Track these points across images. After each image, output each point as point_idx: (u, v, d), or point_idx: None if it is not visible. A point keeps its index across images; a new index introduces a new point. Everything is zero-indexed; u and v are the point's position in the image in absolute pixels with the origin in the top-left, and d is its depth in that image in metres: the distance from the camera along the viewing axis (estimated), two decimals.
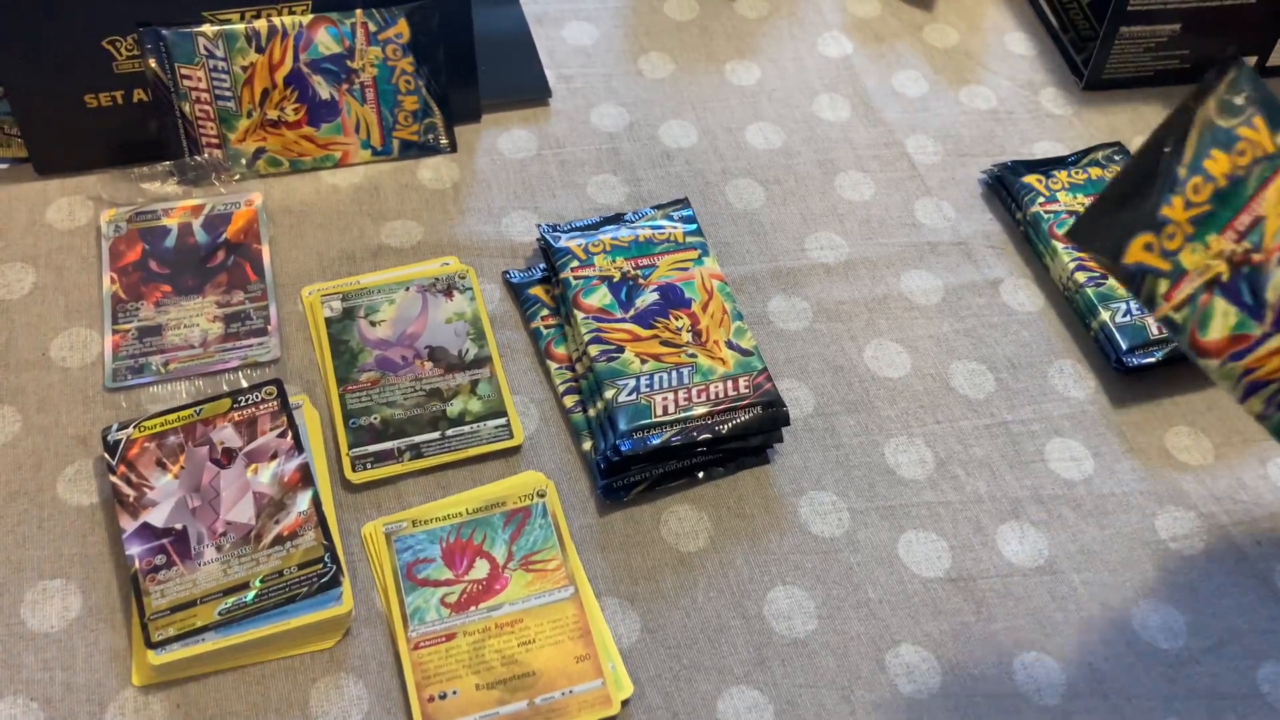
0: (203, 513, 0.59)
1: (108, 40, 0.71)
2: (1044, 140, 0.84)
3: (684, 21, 0.89)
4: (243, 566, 0.57)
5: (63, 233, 0.72)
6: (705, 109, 0.83)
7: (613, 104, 0.83)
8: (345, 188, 0.76)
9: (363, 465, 0.63)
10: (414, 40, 0.75)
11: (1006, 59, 0.89)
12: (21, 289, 0.70)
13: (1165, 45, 0.85)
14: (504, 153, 0.79)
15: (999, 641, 0.60)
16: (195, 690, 0.56)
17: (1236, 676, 0.59)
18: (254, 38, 0.72)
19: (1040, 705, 0.58)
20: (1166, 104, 0.86)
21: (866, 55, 0.88)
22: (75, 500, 0.61)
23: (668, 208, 0.74)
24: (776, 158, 0.81)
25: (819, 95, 0.85)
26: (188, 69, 0.72)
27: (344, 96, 0.75)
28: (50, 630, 0.57)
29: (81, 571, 0.59)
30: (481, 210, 0.76)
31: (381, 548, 0.60)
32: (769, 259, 0.75)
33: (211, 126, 0.74)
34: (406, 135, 0.78)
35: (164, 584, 0.57)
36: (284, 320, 0.69)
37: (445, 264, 0.72)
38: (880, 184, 0.80)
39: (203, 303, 0.69)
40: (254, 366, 0.67)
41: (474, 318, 0.69)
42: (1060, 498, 0.65)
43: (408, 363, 0.67)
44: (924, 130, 0.83)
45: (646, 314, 0.67)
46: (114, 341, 0.67)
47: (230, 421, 0.62)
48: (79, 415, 0.64)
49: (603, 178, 0.78)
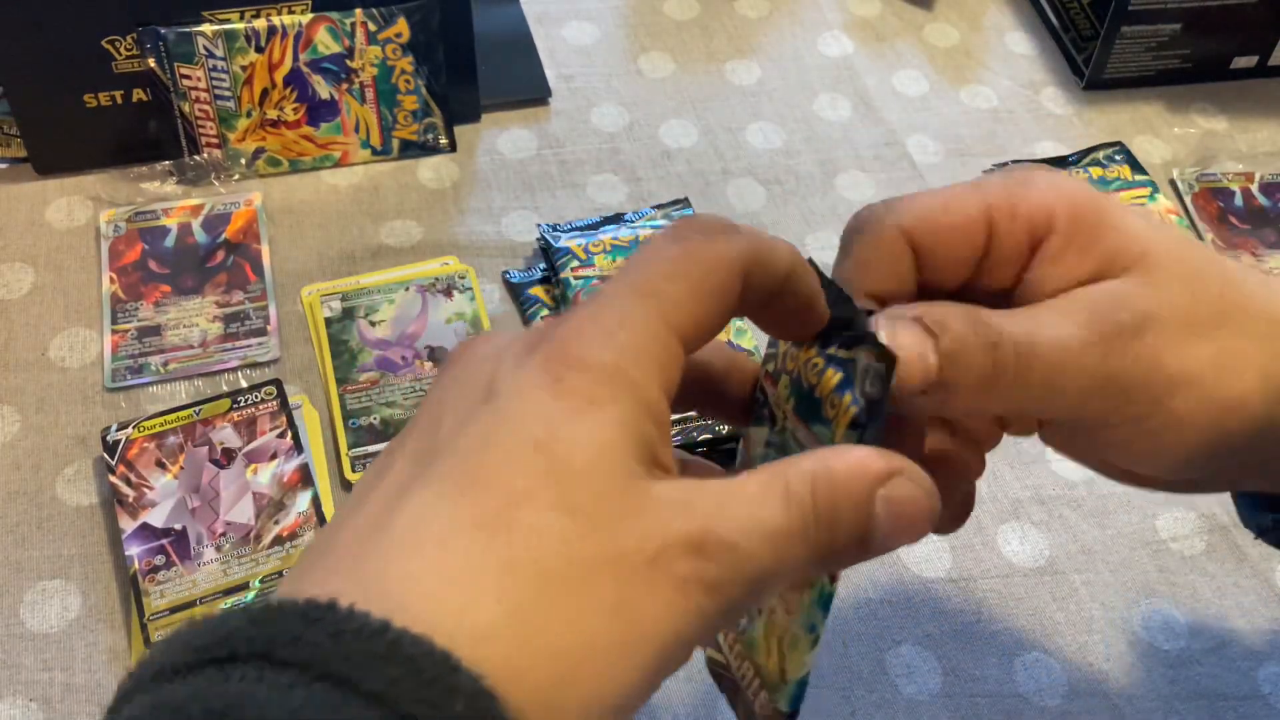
0: (202, 513, 0.59)
1: (107, 40, 0.71)
2: (1045, 140, 0.83)
3: (684, 21, 0.89)
4: (242, 567, 0.57)
5: (62, 232, 0.72)
6: (705, 108, 0.83)
7: (613, 103, 0.83)
8: (345, 188, 0.76)
9: (362, 465, 0.63)
10: (414, 40, 0.75)
11: (1007, 58, 0.89)
12: (20, 289, 0.70)
13: (1166, 45, 0.84)
14: (504, 152, 0.79)
15: (1000, 642, 0.60)
16: None
17: (1237, 677, 0.59)
18: (253, 37, 0.72)
19: (1041, 706, 0.58)
20: (1168, 104, 0.86)
21: (867, 55, 0.88)
22: (74, 500, 0.61)
23: (668, 207, 0.74)
24: (777, 157, 0.81)
25: (819, 95, 0.85)
26: (187, 69, 0.72)
27: (344, 96, 0.75)
28: (50, 631, 0.57)
29: (81, 572, 0.59)
30: (481, 210, 0.76)
31: None
32: None
33: (211, 126, 0.74)
34: (406, 135, 0.77)
35: (164, 584, 0.57)
36: (283, 320, 0.69)
37: (445, 264, 0.72)
38: (881, 184, 0.80)
39: (202, 303, 0.69)
40: (253, 366, 0.67)
41: (474, 318, 0.69)
42: (1061, 498, 0.65)
43: (407, 363, 0.67)
44: (925, 130, 0.83)
45: None
46: (113, 341, 0.67)
47: (230, 422, 0.62)
48: (78, 415, 0.64)
49: (603, 177, 0.78)
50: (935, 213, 0.35)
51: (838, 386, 0.32)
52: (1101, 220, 0.35)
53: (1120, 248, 0.34)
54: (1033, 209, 0.35)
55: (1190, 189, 0.80)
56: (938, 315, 0.33)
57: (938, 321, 0.33)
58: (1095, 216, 0.35)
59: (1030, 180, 0.35)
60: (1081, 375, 0.33)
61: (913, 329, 0.33)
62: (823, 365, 0.33)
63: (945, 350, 0.33)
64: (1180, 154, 0.83)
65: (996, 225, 0.35)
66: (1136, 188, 0.77)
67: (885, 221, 0.35)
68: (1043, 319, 0.34)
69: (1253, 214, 0.79)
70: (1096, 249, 0.34)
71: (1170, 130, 0.85)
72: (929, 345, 0.33)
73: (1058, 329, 0.33)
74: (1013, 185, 0.35)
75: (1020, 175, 0.36)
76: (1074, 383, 0.34)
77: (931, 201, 0.35)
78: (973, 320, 0.33)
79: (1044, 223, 0.35)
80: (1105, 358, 0.33)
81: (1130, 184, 0.77)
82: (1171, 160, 0.82)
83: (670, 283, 0.29)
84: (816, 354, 0.33)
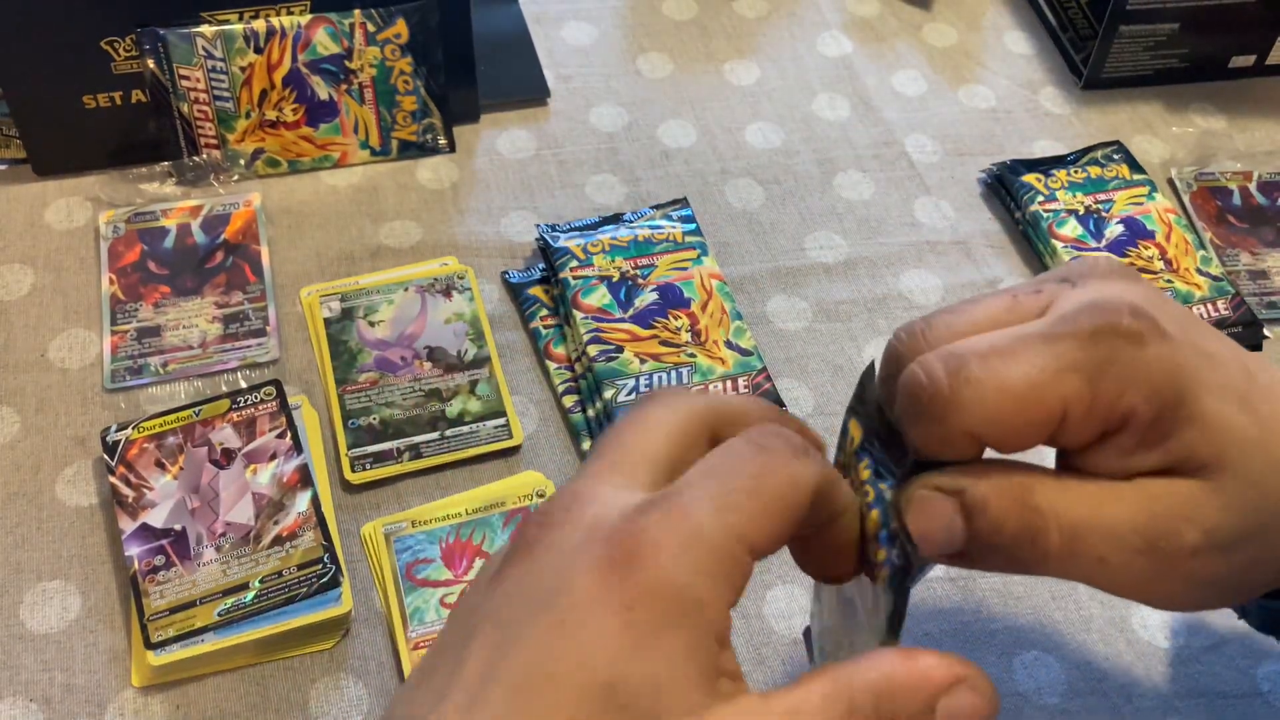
0: (202, 513, 0.59)
1: (106, 41, 0.71)
2: (1043, 139, 0.84)
3: (683, 21, 0.89)
4: (242, 567, 0.57)
5: (61, 234, 0.72)
6: (704, 109, 0.83)
7: (611, 104, 0.83)
8: (344, 188, 0.76)
9: (362, 466, 0.63)
10: (412, 40, 0.75)
11: (1005, 58, 0.89)
12: (20, 290, 0.70)
13: (1164, 44, 0.85)
14: (503, 153, 0.79)
15: (999, 641, 0.60)
16: (195, 691, 0.56)
17: (1236, 675, 0.59)
18: (252, 38, 0.72)
19: (1040, 704, 0.58)
20: (1166, 103, 0.86)
21: (866, 54, 0.88)
22: (74, 501, 0.61)
23: (666, 207, 0.74)
24: (775, 157, 0.81)
25: (818, 95, 0.85)
26: (186, 70, 0.72)
27: (342, 97, 0.75)
28: (49, 631, 0.57)
29: (81, 572, 0.59)
30: (480, 210, 0.76)
31: (381, 548, 0.60)
32: (768, 259, 0.75)
33: (210, 127, 0.74)
34: (405, 135, 0.77)
35: (163, 585, 0.57)
36: (283, 321, 0.69)
37: (444, 264, 0.72)
38: (879, 183, 0.80)
39: (201, 303, 0.69)
40: (253, 367, 0.67)
41: (473, 318, 0.69)
42: None
43: (407, 363, 0.67)
44: (923, 129, 0.83)
45: (646, 314, 0.67)
46: (113, 342, 0.67)
47: (229, 422, 0.62)
48: (78, 416, 0.64)
49: (601, 178, 0.78)
50: (1006, 413, 0.31)
51: (877, 536, 0.32)
52: (1181, 413, 0.32)
53: (1195, 447, 0.33)
54: (1110, 405, 0.32)
55: (1188, 188, 0.80)
56: (979, 498, 0.32)
57: (978, 503, 0.32)
58: (1175, 410, 0.32)
59: (1115, 358, 0.32)
60: (1126, 573, 0.33)
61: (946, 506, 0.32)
62: (872, 498, 0.33)
63: (977, 531, 0.32)
64: (1178, 153, 0.83)
65: (1069, 418, 0.32)
66: (1134, 186, 0.77)
67: (949, 422, 0.32)
68: (1105, 509, 0.33)
69: (1251, 213, 0.79)
70: (1171, 445, 0.33)
71: (1168, 129, 0.85)
72: (958, 523, 0.32)
73: (1115, 525, 0.32)
74: (1093, 365, 0.31)
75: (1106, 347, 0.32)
76: (1115, 576, 0.33)
77: (1001, 395, 0.31)
78: (1019, 503, 0.32)
79: (1119, 420, 0.32)
80: (1156, 563, 0.33)
81: (1128, 183, 0.77)
82: (1170, 159, 0.82)
83: (750, 499, 0.29)
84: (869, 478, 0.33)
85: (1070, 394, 0.31)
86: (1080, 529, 0.32)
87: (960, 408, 0.31)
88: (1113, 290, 0.33)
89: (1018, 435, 0.32)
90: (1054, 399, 0.31)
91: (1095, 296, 0.33)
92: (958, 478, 0.33)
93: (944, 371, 0.32)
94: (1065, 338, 0.32)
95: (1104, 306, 0.32)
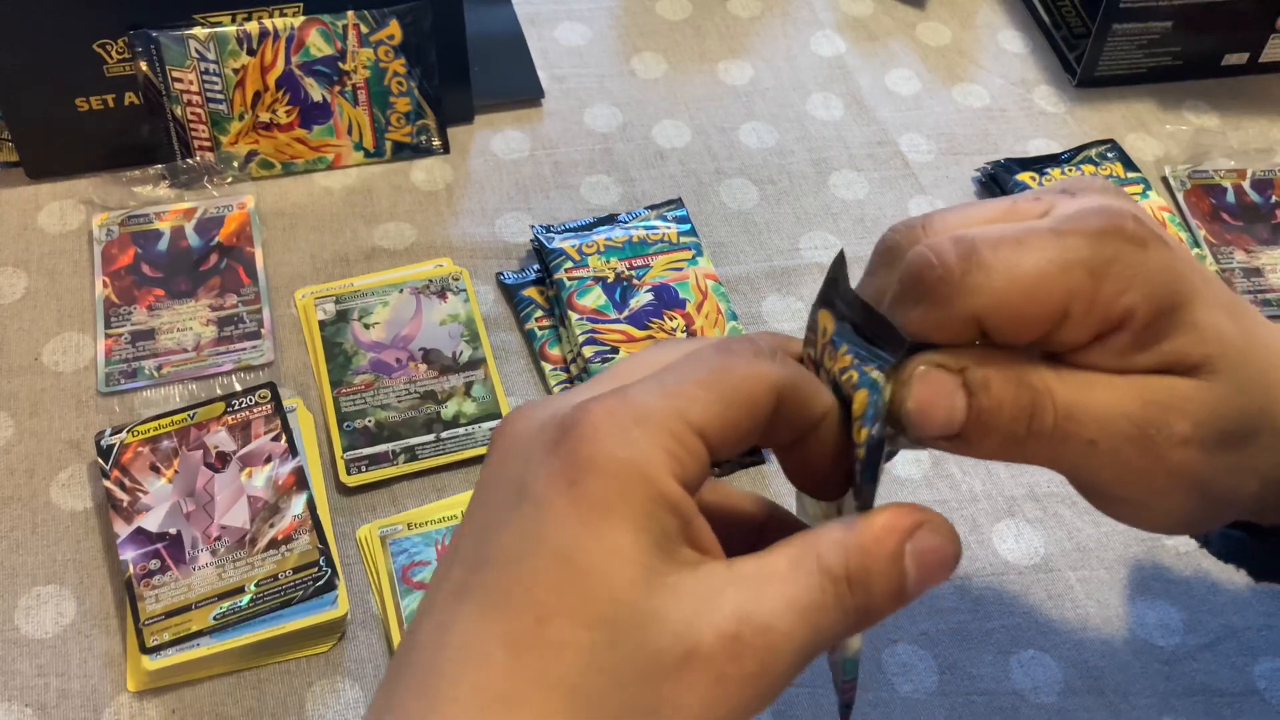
0: (197, 517, 0.59)
1: (98, 43, 0.71)
2: (1037, 138, 0.84)
3: (676, 21, 0.89)
4: (237, 570, 0.57)
5: (54, 237, 0.72)
6: (698, 109, 0.83)
7: (606, 104, 0.83)
8: (338, 190, 0.76)
9: (357, 468, 0.63)
10: (406, 42, 0.75)
11: (999, 57, 0.89)
12: (13, 294, 0.69)
13: (1157, 42, 0.85)
14: (497, 154, 0.79)
15: (996, 640, 0.60)
16: (190, 695, 0.56)
17: (1233, 673, 0.59)
18: (245, 40, 0.72)
19: (1037, 703, 0.58)
20: (1159, 101, 0.86)
21: (859, 54, 0.88)
22: (69, 505, 0.61)
23: (661, 208, 0.74)
24: (770, 157, 0.81)
25: (812, 94, 0.85)
26: (179, 72, 0.72)
27: (336, 98, 0.75)
28: (44, 636, 0.57)
29: (75, 577, 0.59)
30: (475, 212, 0.76)
31: (377, 551, 0.60)
32: (763, 259, 0.75)
33: (203, 129, 0.74)
34: (399, 137, 0.77)
35: (158, 589, 0.56)
36: (277, 323, 0.69)
37: (439, 266, 0.72)
38: (874, 183, 0.80)
39: (196, 306, 0.69)
40: (247, 370, 0.67)
41: (468, 319, 0.69)
42: (1056, 495, 0.65)
43: (402, 365, 0.67)
44: (917, 128, 0.83)
45: (641, 315, 0.67)
46: (107, 346, 0.67)
47: (224, 425, 0.62)
48: (72, 420, 0.64)
49: (596, 178, 0.78)
50: (1014, 300, 0.32)
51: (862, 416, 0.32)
52: (1176, 317, 0.33)
53: (1188, 350, 0.33)
54: (1110, 303, 0.32)
55: (1182, 186, 0.80)
56: (980, 377, 0.32)
57: (979, 381, 0.32)
58: (1171, 313, 0.33)
59: (1119, 258, 0.32)
60: (1114, 460, 0.33)
61: (948, 382, 0.33)
62: (857, 380, 0.33)
63: (978, 409, 0.32)
64: (1172, 151, 0.83)
65: (1071, 314, 0.32)
66: (1129, 185, 0.77)
67: (955, 305, 0.32)
68: (1097, 394, 0.33)
69: (1245, 210, 0.79)
70: (1164, 347, 0.33)
71: (1162, 127, 0.85)
72: (960, 400, 0.33)
73: (1108, 409, 0.33)
74: (1099, 262, 0.32)
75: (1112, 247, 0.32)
76: (1102, 463, 0.34)
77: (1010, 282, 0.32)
78: (1016, 382, 0.33)
79: (1118, 319, 0.33)
80: (1143, 452, 0.33)
81: (1123, 181, 0.77)
82: (1163, 157, 0.82)
83: (702, 389, 0.30)
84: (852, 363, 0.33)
85: (1075, 288, 0.32)
86: (1074, 409, 0.33)
87: (969, 291, 0.32)
88: (1113, 200, 0.34)
89: (1021, 324, 0.32)
90: (1060, 291, 0.32)
91: (1100, 202, 0.34)
92: (960, 356, 0.33)
93: (955, 254, 0.32)
94: (1073, 234, 0.32)
95: (1110, 210, 0.33)
